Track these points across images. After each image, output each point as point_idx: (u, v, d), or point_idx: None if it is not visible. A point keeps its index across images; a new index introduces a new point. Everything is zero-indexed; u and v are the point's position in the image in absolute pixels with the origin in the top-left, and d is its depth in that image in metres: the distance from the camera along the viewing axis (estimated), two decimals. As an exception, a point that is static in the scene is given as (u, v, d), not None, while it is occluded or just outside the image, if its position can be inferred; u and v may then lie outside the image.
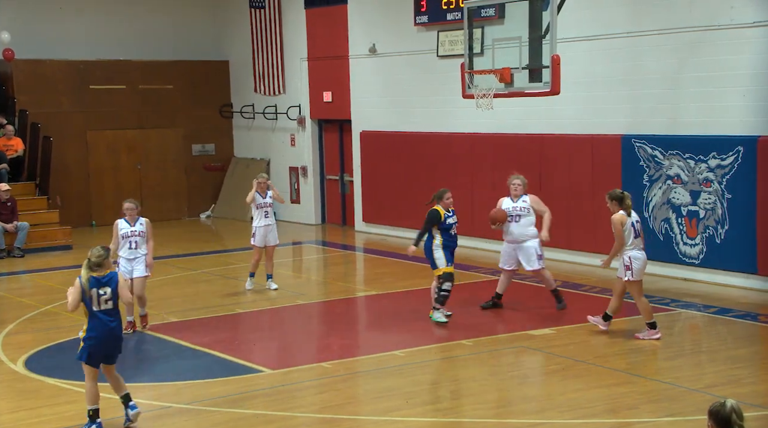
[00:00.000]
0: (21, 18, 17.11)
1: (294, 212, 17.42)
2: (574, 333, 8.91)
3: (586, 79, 11.96)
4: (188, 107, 18.48)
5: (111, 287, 6.54)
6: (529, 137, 12.88)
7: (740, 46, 10.46)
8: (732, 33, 10.51)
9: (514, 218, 9.58)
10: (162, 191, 18.38)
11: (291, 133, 17.57)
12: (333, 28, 16.24)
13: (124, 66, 17.87)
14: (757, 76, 10.33)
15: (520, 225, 9.58)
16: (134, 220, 9.24)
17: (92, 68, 17.58)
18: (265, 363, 8.30)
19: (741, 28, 10.40)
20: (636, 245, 8.50)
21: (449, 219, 9.19)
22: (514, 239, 9.63)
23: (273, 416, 6.90)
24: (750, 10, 10.30)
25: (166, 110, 18.34)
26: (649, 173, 11.49)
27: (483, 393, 7.32)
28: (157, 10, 18.15)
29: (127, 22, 17.91)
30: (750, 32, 10.34)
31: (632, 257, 8.46)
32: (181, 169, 18.61)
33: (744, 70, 10.44)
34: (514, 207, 9.61)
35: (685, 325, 9.47)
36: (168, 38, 18.19)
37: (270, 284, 11.23)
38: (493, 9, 12.13)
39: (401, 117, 15.06)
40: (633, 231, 8.49)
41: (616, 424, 6.50)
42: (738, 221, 10.57)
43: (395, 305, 10.26)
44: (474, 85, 10.01)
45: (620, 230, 8.46)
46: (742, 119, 10.53)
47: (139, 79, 18.00)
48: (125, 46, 17.85)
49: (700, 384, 7.32)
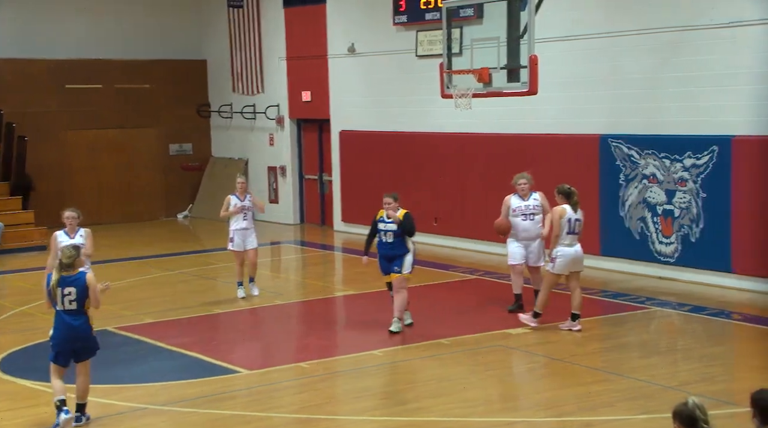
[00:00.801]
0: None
1: (272, 212, 17.37)
2: (552, 332, 8.97)
3: (565, 80, 12.04)
4: (166, 106, 18.36)
5: (76, 288, 6.50)
6: (508, 137, 12.94)
7: (717, 47, 10.57)
8: (709, 33, 10.63)
9: (528, 216, 9.42)
10: (139, 190, 18.25)
11: (270, 132, 17.52)
12: (312, 28, 16.22)
13: (101, 65, 17.71)
14: (733, 76, 10.46)
15: (535, 222, 9.42)
16: (74, 231, 8.55)
17: (69, 68, 17.42)
18: (243, 364, 8.28)
19: (719, 28, 10.52)
20: (566, 241, 8.76)
21: (380, 224, 8.96)
22: (529, 236, 9.42)
23: (250, 416, 6.88)
24: (729, 11, 10.42)
25: (144, 110, 18.21)
26: (626, 172, 11.59)
27: (461, 392, 7.34)
28: (135, 9, 18.02)
29: (105, 22, 17.76)
30: (727, 32, 10.46)
31: (559, 252, 8.75)
32: (159, 169, 18.49)
33: (721, 70, 10.56)
34: (526, 206, 9.44)
35: (660, 323, 9.56)
36: (145, 37, 18.06)
37: (252, 289, 10.82)
38: (471, 9, 12.17)
39: (380, 117, 15.07)
40: (568, 226, 8.76)
41: (592, 422, 6.55)
42: (712, 220, 10.69)
43: (374, 305, 10.26)
44: (453, 85, 10.03)
45: (557, 222, 8.76)
46: (717, 119, 10.65)
47: (116, 78, 17.86)
48: (102, 46, 17.69)
49: (674, 381, 7.40)
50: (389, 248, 8.89)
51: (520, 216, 9.48)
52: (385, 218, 8.94)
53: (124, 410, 6.94)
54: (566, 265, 8.82)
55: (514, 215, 9.51)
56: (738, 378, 7.63)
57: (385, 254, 8.92)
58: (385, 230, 8.91)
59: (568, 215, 8.77)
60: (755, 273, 10.28)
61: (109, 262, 13.29)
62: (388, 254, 8.90)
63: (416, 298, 10.61)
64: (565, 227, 8.76)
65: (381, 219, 8.96)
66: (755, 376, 7.36)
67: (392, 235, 8.85)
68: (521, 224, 9.47)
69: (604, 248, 11.86)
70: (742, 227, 10.41)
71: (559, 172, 12.25)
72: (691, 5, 10.79)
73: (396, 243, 8.87)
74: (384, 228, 8.91)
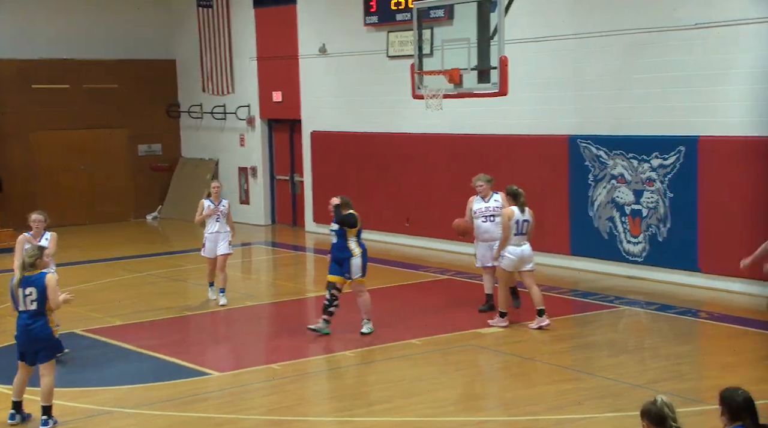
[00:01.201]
0: (-41, 14, 16.66)
1: (243, 213, 17.27)
2: (523, 332, 9.02)
3: (535, 81, 12.12)
4: (134, 106, 18.17)
5: (36, 288, 6.51)
6: (480, 138, 13.00)
7: (682, 48, 10.71)
8: (674, 35, 10.77)
9: (489, 218, 9.48)
10: (107, 192, 18.05)
11: (240, 133, 17.42)
12: (282, 28, 16.16)
13: (68, 65, 17.49)
14: (698, 77, 10.60)
15: (496, 224, 9.43)
16: (39, 235, 8.34)
17: (36, 67, 17.17)
18: (214, 366, 8.22)
19: (684, 29, 10.66)
20: (515, 241, 8.98)
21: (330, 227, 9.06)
22: (491, 237, 9.46)
23: (221, 419, 6.83)
24: (693, 13, 10.57)
25: (112, 110, 18.01)
26: (594, 172, 11.70)
27: (432, 392, 7.36)
28: (102, 7, 17.81)
29: (71, 20, 17.53)
30: (692, 34, 10.60)
31: (507, 251, 8.97)
32: (127, 169, 18.30)
33: (686, 71, 10.70)
34: (486, 207, 9.51)
35: (628, 322, 9.66)
36: (113, 37, 17.86)
37: (220, 299, 10.45)
38: (442, 10, 12.21)
39: (352, 117, 15.06)
40: (516, 227, 8.98)
41: (561, 420, 6.61)
42: (680, 219, 10.84)
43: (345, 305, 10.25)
44: (424, 85, 10.06)
45: (506, 224, 8.98)
46: (684, 120, 10.79)
47: (84, 78, 17.65)
48: (69, 45, 17.47)
49: (643, 379, 7.48)
50: (335, 249, 8.93)
51: (481, 218, 9.54)
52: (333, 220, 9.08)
53: (92, 413, 6.86)
54: (514, 263, 9.02)
55: (475, 217, 9.58)
56: (705, 376, 7.73)
57: (334, 255, 8.97)
58: (330, 230, 9.02)
59: (516, 217, 8.99)
60: (721, 272, 10.43)
61: (77, 264, 13.13)
62: (336, 256, 8.93)
63: (388, 298, 10.63)
64: (514, 228, 8.98)
65: (333, 222, 9.07)
66: (722, 374, 7.47)
67: (335, 235, 8.88)
68: (482, 225, 9.54)
69: (574, 248, 11.97)
70: (709, 226, 10.56)
71: (529, 172, 12.33)
72: (656, 7, 10.93)
73: (339, 244, 8.87)
74: (330, 228, 9.03)
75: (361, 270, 8.87)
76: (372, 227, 14.76)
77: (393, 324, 9.38)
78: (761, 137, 10.07)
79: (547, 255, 11.96)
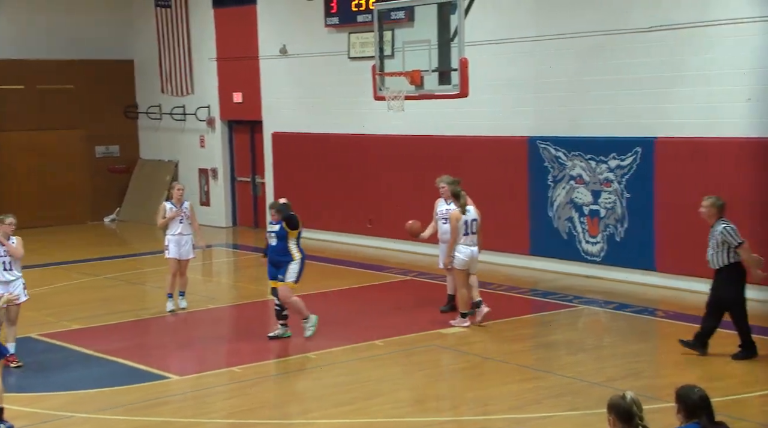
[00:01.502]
0: None
1: (204, 215, 17.09)
2: (485, 331, 9.09)
3: (494, 82, 12.22)
4: (91, 107, 17.89)
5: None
6: (441, 139, 13.07)
7: (638, 51, 10.90)
8: (630, 38, 10.94)
9: (449, 220, 9.34)
10: (64, 194, 17.74)
11: (200, 134, 17.27)
12: (242, 29, 16.06)
13: (22, 66, 17.14)
14: (653, 79, 10.80)
15: None
16: (6, 237, 8.19)
17: (-12, 67, 16.85)
18: (174, 369, 8.14)
19: (639, 32, 10.85)
20: (466, 241, 9.14)
21: (268, 228, 8.91)
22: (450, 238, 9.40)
23: (181, 423, 6.77)
24: (649, 15, 10.75)
25: (68, 111, 17.70)
26: (554, 173, 11.84)
27: (395, 393, 7.38)
28: (58, 7, 17.50)
29: (27, 20, 17.19)
30: (647, 36, 10.78)
31: (459, 250, 9.12)
32: (84, 171, 18.01)
33: (641, 73, 10.89)
34: (447, 210, 9.44)
35: (587, 321, 9.80)
36: (68, 36, 17.55)
37: (181, 302, 10.28)
38: (403, 12, 12.25)
39: (314, 118, 15.02)
40: (465, 227, 9.16)
41: (520, 419, 6.67)
42: (637, 219, 11.02)
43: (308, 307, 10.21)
44: (385, 87, 10.07)
45: (455, 225, 9.12)
46: (640, 121, 10.98)
47: (38, 79, 17.32)
48: (23, 45, 17.13)
49: (601, 377, 7.59)
50: (274, 252, 8.74)
51: (441, 220, 9.58)
52: (271, 221, 8.96)
53: (48, 419, 6.74)
54: (466, 263, 9.13)
55: (438, 218, 9.62)
56: (662, 374, 7.86)
57: (272, 258, 8.78)
58: (269, 232, 8.82)
59: (464, 218, 9.12)
60: (677, 271, 10.63)
61: (33, 267, 12.87)
62: (274, 259, 8.75)
63: (350, 299, 10.63)
64: (463, 228, 9.11)
65: (270, 223, 8.92)
66: (679, 372, 7.60)
67: (275, 237, 8.71)
68: (442, 227, 9.58)
69: (533, 248, 12.10)
70: (665, 226, 10.76)
71: (489, 173, 12.44)
72: (613, 11, 11.10)
73: (279, 247, 8.68)
74: (269, 230, 8.85)
75: (296, 276, 8.72)
76: (334, 228, 14.76)
77: (355, 324, 9.38)
78: (714, 138, 10.29)
79: (507, 255, 12.07)
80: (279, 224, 8.74)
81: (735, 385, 7.28)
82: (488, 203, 12.56)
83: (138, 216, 17.79)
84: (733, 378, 7.47)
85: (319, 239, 14.59)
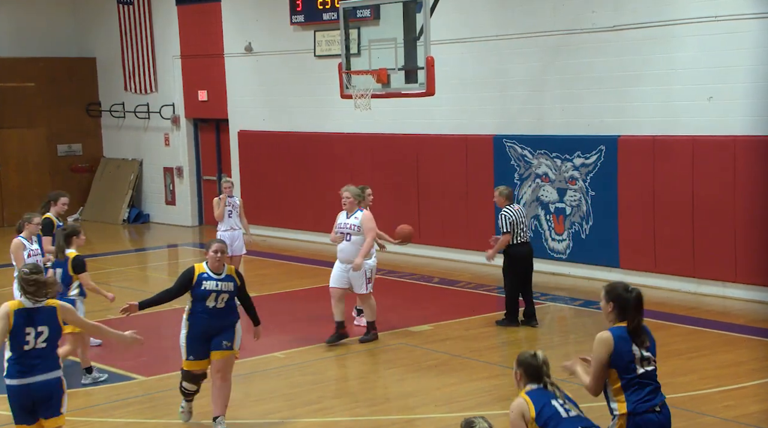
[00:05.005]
0: None
1: (169, 214, 16.95)
2: (452, 329, 9.13)
3: (459, 81, 12.27)
4: (51, 106, 17.60)
5: None
6: (407, 137, 13.09)
7: (600, 50, 11.03)
8: (591, 37, 11.07)
9: (345, 236, 8.43)
10: (24, 194, 17.41)
11: (165, 132, 17.08)
12: (207, 26, 15.92)
13: (-20, 62, 16.85)
14: (614, 78, 10.93)
15: (352, 243, 8.40)
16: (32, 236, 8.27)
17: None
18: (138, 370, 8.04)
19: (600, 32, 10.97)
20: None
21: (205, 283, 6.25)
22: (346, 258, 8.44)
23: (146, 424, 6.70)
24: (610, 15, 10.89)
25: (29, 110, 17.39)
26: (520, 172, 11.93)
27: (363, 391, 7.38)
28: (17, 3, 17.19)
29: (-16, 15, 16.89)
30: (608, 36, 10.92)
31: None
32: (45, 171, 17.71)
33: (603, 72, 11.02)
34: (345, 223, 8.47)
35: (553, 317, 9.89)
36: (29, 34, 17.25)
37: None
38: (368, 10, 12.24)
39: (280, 117, 14.95)
40: None
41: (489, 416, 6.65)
42: (601, 217, 11.15)
43: (275, 306, 10.17)
44: (352, 85, 10.06)
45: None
46: (603, 120, 11.11)
47: (-2, 76, 17.03)
48: (-18, 41, 16.82)
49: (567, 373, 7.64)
50: (218, 316, 6.30)
51: (338, 234, 8.52)
52: (210, 273, 6.30)
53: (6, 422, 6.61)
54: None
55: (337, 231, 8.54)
56: (626, 368, 7.95)
57: (212, 325, 6.29)
58: (219, 291, 6.27)
59: None
60: (641, 268, 10.78)
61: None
62: (215, 326, 6.29)
63: (317, 299, 10.59)
64: None
65: (205, 276, 6.29)
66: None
67: (227, 297, 6.33)
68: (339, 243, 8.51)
69: (500, 246, 12.15)
70: (629, 223, 10.90)
71: (456, 171, 12.50)
72: (575, 10, 11.21)
73: (227, 309, 6.36)
74: (216, 288, 6.27)
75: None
76: (301, 228, 14.70)
77: (323, 324, 9.35)
78: (675, 136, 10.45)
79: (473, 253, 12.13)
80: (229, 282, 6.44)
81: (695, 381, 7.41)
82: (455, 201, 12.64)
83: (101, 216, 17.54)
84: (694, 374, 7.59)
85: (288, 238, 14.53)
